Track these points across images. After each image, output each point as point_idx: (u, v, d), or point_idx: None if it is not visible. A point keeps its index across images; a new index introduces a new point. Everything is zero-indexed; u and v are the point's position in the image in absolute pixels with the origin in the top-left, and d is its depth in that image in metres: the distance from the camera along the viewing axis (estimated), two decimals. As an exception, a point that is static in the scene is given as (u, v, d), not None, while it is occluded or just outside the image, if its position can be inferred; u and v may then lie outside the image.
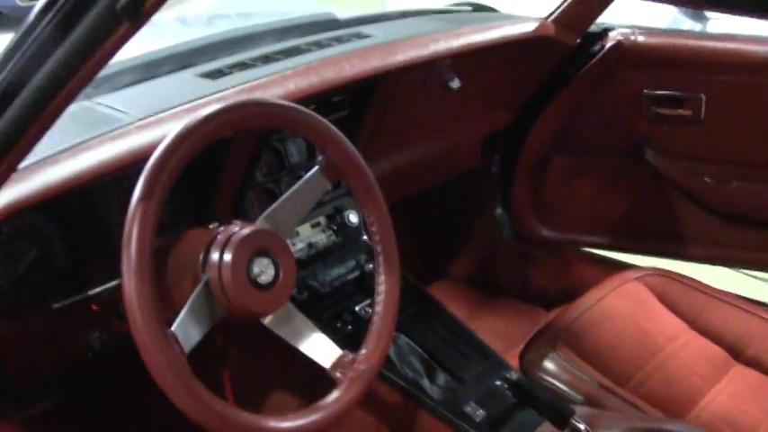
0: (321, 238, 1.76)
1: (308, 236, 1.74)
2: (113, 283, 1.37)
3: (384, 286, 1.31)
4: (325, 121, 1.27)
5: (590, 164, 2.25)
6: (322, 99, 1.63)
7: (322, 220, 1.77)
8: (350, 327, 1.61)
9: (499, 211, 2.43)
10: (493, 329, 2.22)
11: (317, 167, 1.28)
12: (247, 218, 1.37)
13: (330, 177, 1.29)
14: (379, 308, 1.31)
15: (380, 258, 1.32)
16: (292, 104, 1.25)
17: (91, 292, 1.35)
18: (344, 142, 1.28)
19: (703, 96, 1.96)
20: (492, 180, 2.39)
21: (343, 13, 2.05)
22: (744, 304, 1.84)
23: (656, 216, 2.21)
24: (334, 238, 1.78)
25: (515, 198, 2.38)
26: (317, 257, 1.74)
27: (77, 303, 1.34)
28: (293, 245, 1.69)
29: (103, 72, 1.57)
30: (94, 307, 1.36)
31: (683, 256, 2.19)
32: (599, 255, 2.36)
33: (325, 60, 1.67)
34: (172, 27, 2.98)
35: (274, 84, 1.54)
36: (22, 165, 1.17)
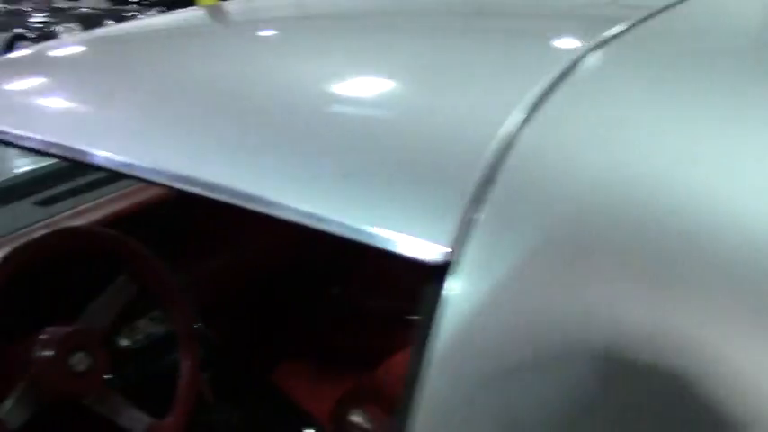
0: (159, 329, 2.06)
1: (147, 327, 2.04)
2: None
3: (184, 363, 1.64)
4: (127, 238, 1.58)
5: None
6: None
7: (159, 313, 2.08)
8: None
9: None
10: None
11: (122, 276, 1.59)
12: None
13: (135, 283, 1.61)
14: (181, 381, 1.64)
15: (181, 344, 1.65)
16: (102, 229, 1.57)
17: None
18: (146, 255, 1.60)
19: None
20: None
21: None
22: None
23: None
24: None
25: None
26: (153, 346, 2.04)
27: None
28: (135, 337, 2.00)
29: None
30: None
31: None
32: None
33: None
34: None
35: (100, 207, 1.85)
36: None
